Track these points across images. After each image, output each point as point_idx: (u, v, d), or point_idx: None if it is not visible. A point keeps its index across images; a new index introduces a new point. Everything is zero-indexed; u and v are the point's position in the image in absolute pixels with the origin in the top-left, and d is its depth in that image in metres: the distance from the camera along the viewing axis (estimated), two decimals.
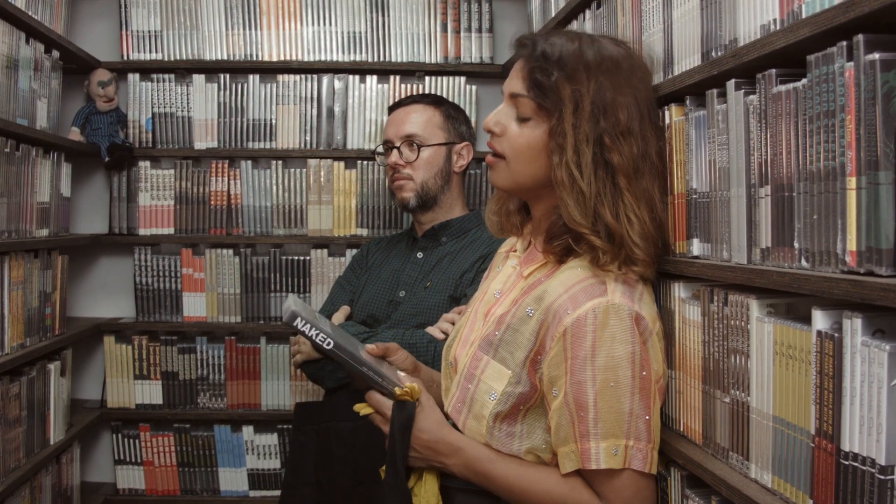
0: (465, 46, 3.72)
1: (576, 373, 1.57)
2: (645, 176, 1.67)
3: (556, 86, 1.65)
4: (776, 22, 1.44)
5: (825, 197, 1.27)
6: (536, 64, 1.68)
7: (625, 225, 1.63)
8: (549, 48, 1.68)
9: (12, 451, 2.72)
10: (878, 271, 1.17)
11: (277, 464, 3.70)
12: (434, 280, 2.66)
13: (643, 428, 1.59)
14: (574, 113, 1.63)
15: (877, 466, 1.15)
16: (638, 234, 1.64)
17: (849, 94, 1.21)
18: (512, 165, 1.72)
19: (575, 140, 1.63)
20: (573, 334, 1.58)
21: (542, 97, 1.66)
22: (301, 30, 3.72)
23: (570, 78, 1.65)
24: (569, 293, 1.62)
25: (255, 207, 3.71)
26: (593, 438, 1.57)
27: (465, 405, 1.74)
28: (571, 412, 1.58)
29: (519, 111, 1.71)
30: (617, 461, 1.57)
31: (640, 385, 1.58)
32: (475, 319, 1.85)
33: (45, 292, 3.06)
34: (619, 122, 1.65)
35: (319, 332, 1.70)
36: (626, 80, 1.67)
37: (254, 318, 3.70)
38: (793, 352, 1.36)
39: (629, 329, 1.58)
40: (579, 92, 1.64)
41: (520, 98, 1.70)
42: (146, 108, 3.70)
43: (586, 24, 2.55)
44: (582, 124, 1.63)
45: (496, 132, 1.74)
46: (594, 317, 1.57)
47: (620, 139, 1.64)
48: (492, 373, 1.69)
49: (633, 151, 1.65)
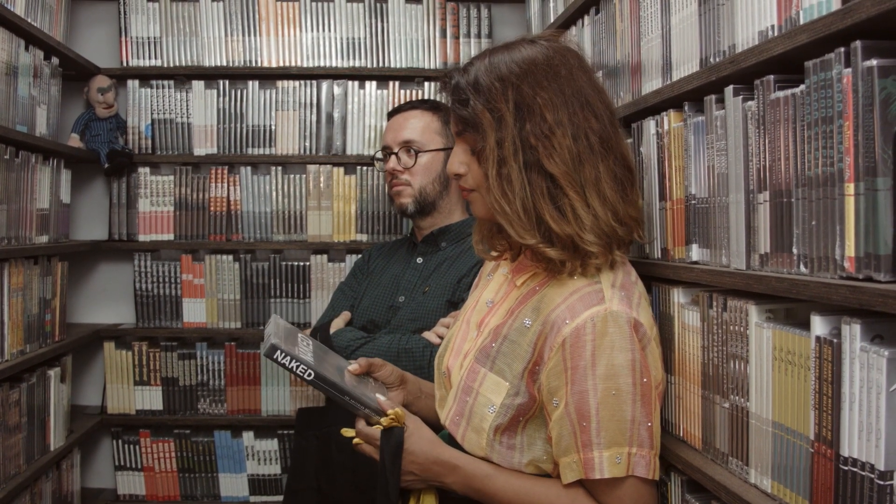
0: (465, 52, 3.72)
1: (577, 383, 1.57)
2: (586, 163, 1.63)
3: (475, 112, 1.65)
4: (774, 28, 1.44)
5: (823, 203, 1.28)
6: (455, 98, 1.70)
7: (573, 226, 1.62)
8: (462, 78, 1.69)
9: (12, 457, 2.72)
10: (877, 277, 1.17)
11: (278, 469, 3.70)
12: (432, 285, 2.67)
13: (646, 435, 1.58)
14: (497, 131, 1.63)
15: (876, 472, 1.15)
16: (590, 229, 1.62)
17: (847, 100, 1.21)
18: (484, 195, 1.71)
19: (499, 161, 1.63)
20: (572, 344, 1.57)
21: (472, 128, 1.68)
22: (300, 36, 3.72)
23: (488, 97, 1.64)
24: (566, 303, 1.61)
25: (254, 213, 3.71)
26: (596, 448, 1.56)
27: (463, 418, 1.72)
28: (573, 422, 1.58)
29: (470, 145, 1.72)
30: (620, 469, 1.56)
31: (641, 392, 1.58)
32: (467, 329, 1.84)
33: (45, 299, 3.06)
34: (545, 121, 1.62)
35: (300, 364, 1.71)
36: (545, 75, 1.65)
37: (254, 324, 3.70)
38: (792, 357, 1.37)
39: (628, 336, 1.57)
40: (497, 109, 1.63)
41: (464, 134, 1.72)
42: (146, 115, 3.71)
43: (585, 30, 2.55)
44: (506, 140, 1.62)
45: (461, 172, 1.74)
46: (593, 326, 1.56)
47: (549, 139, 1.62)
48: (490, 385, 1.68)
49: (566, 144, 1.62)
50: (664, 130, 1.86)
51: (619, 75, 2.22)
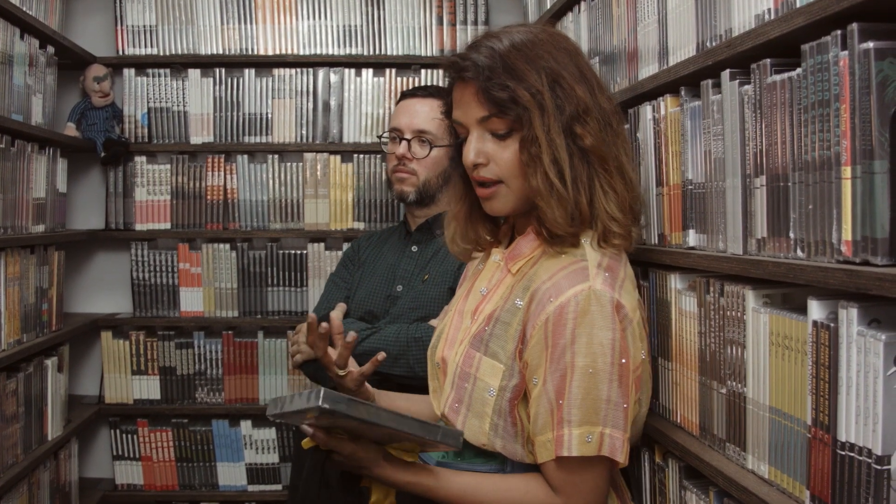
0: (461, 39, 3.70)
1: (555, 360, 1.57)
2: (609, 143, 1.66)
3: (515, 94, 1.61)
4: (770, 11, 1.44)
5: (820, 187, 1.27)
6: (487, 81, 1.63)
7: (601, 203, 1.63)
8: (488, 60, 1.64)
9: (10, 447, 2.72)
10: (874, 261, 1.17)
11: (276, 458, 3.70)
12: (432, 272, 2.66)
13: (621, 416, 1.57)
14: (541, 115, 1.61)
15: (873, 456, 1.15)
16: (615, 205, 1.64)
17: (843, 83, 1.21)
18: (512, 185, 1.68)
19: (549, 143, 1.61)
20: (555, 322, 1.57)
21: (508, 111, 1.63)
22: (296, 24, 3.71)
23: (520, 79, 1.62)
24: (552, 280, 1.61)
25: (251, 202, 3.70)
26: (566, 425, 1.55)
27: (462, 405, 1.71)
28: (551, 400, 1.57)
29: (494, 131, 1.67)
30: (591, 448, 1.55)
31: (618, 372, 1.57)
32: (460, 319, 1.82)
33: (42, 288, 3.05)
34: (580, 101, 1.63)
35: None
36: (565, 54, 1.66)
37: (251, 313, 3.69)
38: (789, 342, 1.36)
39: (609, 315, 1.56)
40: (535, 88, 1.61)
41: (490, 119, 1.66)
42: (142, 103, 3.69)
43: (581, 16, 2.55)
44: (551, 123, 1.61)
45: (482, 162, 1.69)
46: (576, 303, 1.56)
47: (585, 119, 1.63)
48: (486, 369, 1.67)
49: (597, 126, 1.64)
50: (661, 116, 1.85)
51: (616, 61, 2.21)
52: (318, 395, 1.50)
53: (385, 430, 1.58)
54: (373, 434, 1.63)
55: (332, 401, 1.50)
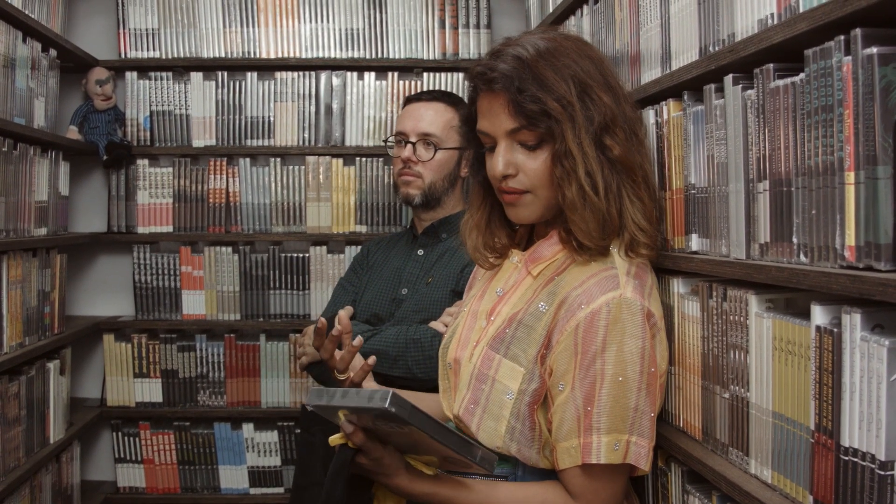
0: (464, 42, 3.71)
1: (585, 367, 1.57)
2: (635, 151, 1.66)
3: (547, 106, 1.60)
4: (773, 16, 1.44)
5: (823, 192, 1.27)
6: (519, 93, 1.61)
7: (629, 213, 1.63)
8: (516, 70, 1.62)
9: (12, 450, 2.72)
10: (877, 266, 1.17)
11: (278, 461, 3.70)
12: (436, 276, 2.66)
13: (647, 425, 1.58)
14: (573, 127, 1.60)
15: (876, 462, 1.15)
16: (642, 215, 1.64)
17: (847, 88, 1.21)
18: (541, 195, 1.67)
19: (582, 156, 1.60)
20: (585, 329, 1.57)
21: (539, 123, 1.61)
22: (299, 27, 3.71)
23: (550, 90, 1.60)
24: (583, 287, 1.61)
25: (253, 205, 3.71)
26: (595, 433, 1.56)
27: (478, 406, 1.70)
28: (578, 407, 1.57)
29: (524, 142, 1.65)
30: (617, 456, 1.56)
31: (647, 381, 1.58)
32: (474, 320, 1.81)
33: (44, 291, 3.05)
34: (607, 110, 1.62)
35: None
36: (590, 63, 1.66)
37: (253, 316, 3.69)
38: (792, 347, 1.36)
39: (640, 324, 1.57)
40: (565, 100, 1.60)
41: (520, 131, 1.64)
42: (144, 107, 3.70)
43: (584, 20, 2.55)
44: (582, 134, 1.60)
45: (511, 173, 1.67)
46: (608, 311, 1.56)
47: (614, 129, 1.63)
48: (506, 371, 1.66)
49: (624, 135, 1.64)
50: (663, 120, 1.85)
51: (619, 65, 2.21)
52: (384, 398, 1.46)
53: (426, 441, 1.54)
54: (403, 441, 1.60)
55: (398, 406, 1.46)
